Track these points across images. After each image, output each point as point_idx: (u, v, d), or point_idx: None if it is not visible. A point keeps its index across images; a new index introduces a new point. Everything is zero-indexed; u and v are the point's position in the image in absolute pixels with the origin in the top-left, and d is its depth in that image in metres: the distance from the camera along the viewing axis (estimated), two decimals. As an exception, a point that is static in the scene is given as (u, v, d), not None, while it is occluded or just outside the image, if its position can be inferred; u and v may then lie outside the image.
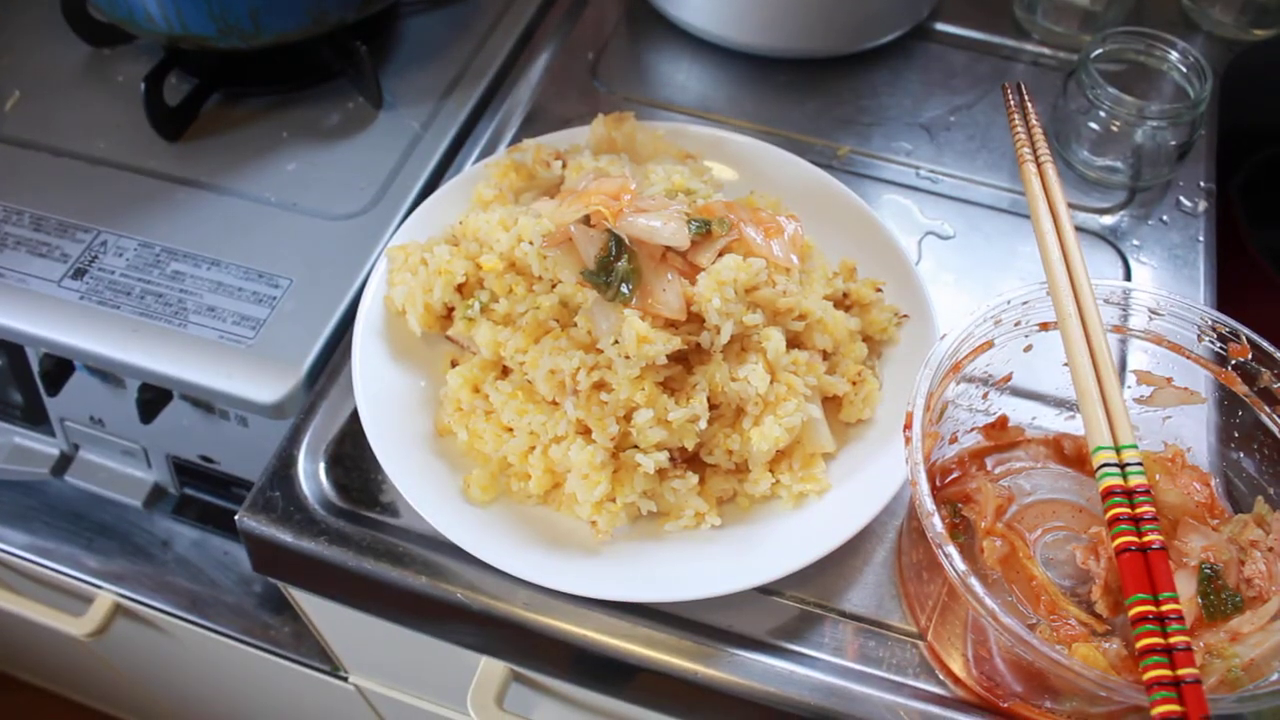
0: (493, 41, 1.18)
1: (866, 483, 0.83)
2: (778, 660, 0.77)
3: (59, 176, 0.90)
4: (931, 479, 0.75)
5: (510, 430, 0.85)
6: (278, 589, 1.01)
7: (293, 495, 0.85)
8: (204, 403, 0.98)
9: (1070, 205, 0.81)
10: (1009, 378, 0.80)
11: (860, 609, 0.79)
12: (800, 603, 0.80)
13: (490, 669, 0.92)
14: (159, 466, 0.94)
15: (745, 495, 0.85)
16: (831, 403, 0.90)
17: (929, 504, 0.58)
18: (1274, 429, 0.67)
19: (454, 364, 0.92)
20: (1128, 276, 0.97)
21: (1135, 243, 0.99)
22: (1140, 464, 0.56)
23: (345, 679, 1.16)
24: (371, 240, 1.01)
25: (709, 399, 0.82)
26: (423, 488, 0.82)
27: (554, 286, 0.87)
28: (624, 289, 0.80)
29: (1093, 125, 0.91)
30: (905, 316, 0.92)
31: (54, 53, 0.97)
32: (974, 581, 0.54)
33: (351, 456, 0.89)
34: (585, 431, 0.82)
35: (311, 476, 0.87)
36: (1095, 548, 0.67)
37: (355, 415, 0.88)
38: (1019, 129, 0.83)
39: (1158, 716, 0.45)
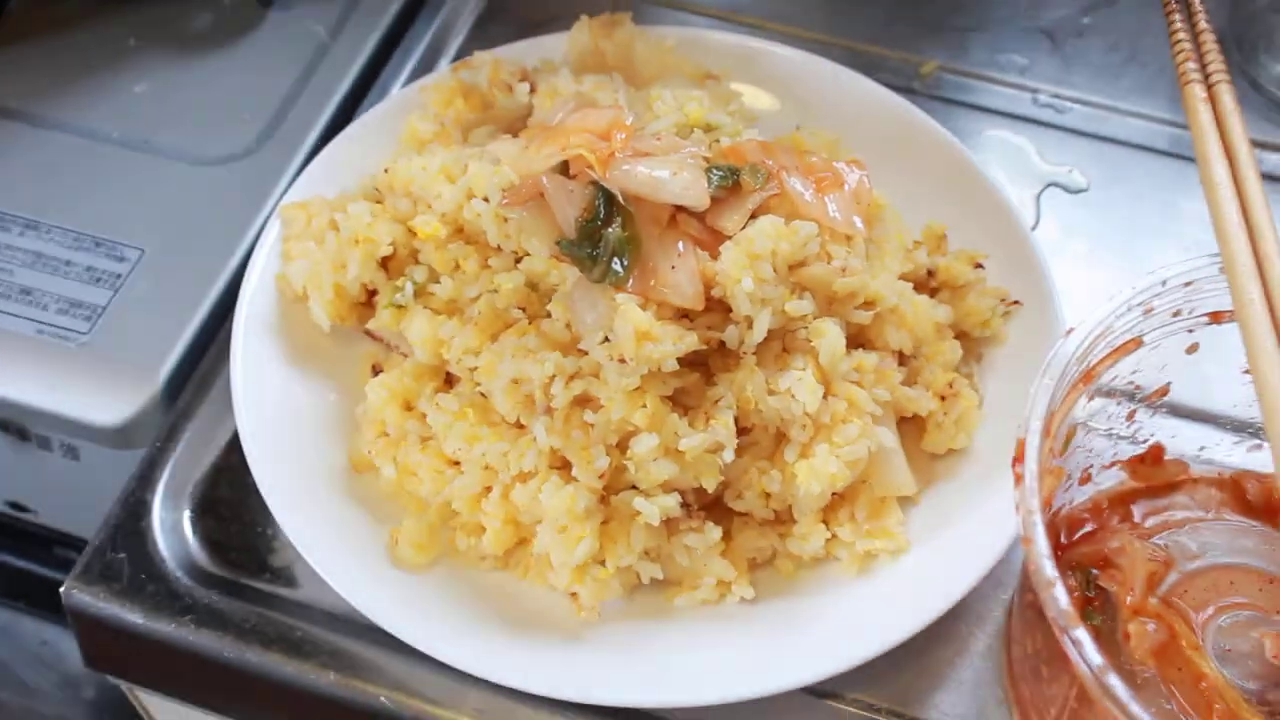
0: (430, -92, 1.19)
1: (960, 540, 0.83)
2: (836, 794, 0.78)
3: None
4: (1054, 534, 0.75)
5: (456, 464, 0.85)
6: (120, 693, 1.01)
7: (144, 558, 0.85)
8: (14, 426, 0.98)
9: (1256, 144, 0.81)
10: (1165, 390, 0.80)
11: (952, 719, 0.81)
12: (868, 710, 0.81)
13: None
14: (-53, 519, 0.93)
15: (788, 557, 0.86)
16: (911, 426, 0.90)
17: (1050, 570, 0.59)
18: None
19: (376, 370, 0.92)
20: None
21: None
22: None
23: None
24: (258, 195, 1.01)
25: (737, 420, 0.82)
26: (332, 546, 0.82)
27: (518, 262, 0.87)
28: (616, 266, 0.80)
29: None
30: (1016, 304, 0.92)
31: None
32: (1115, 681, 0.54)
33: (229, 502, 0.89)
34: (563, 466, 0.82)
35: (171, 531, 0.87)
36: (1293, 635, 0.68)
37: (235, 444, 0.88)
38: (1181, 35, 0.82)
39: None
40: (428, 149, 0.98)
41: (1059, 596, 0.62)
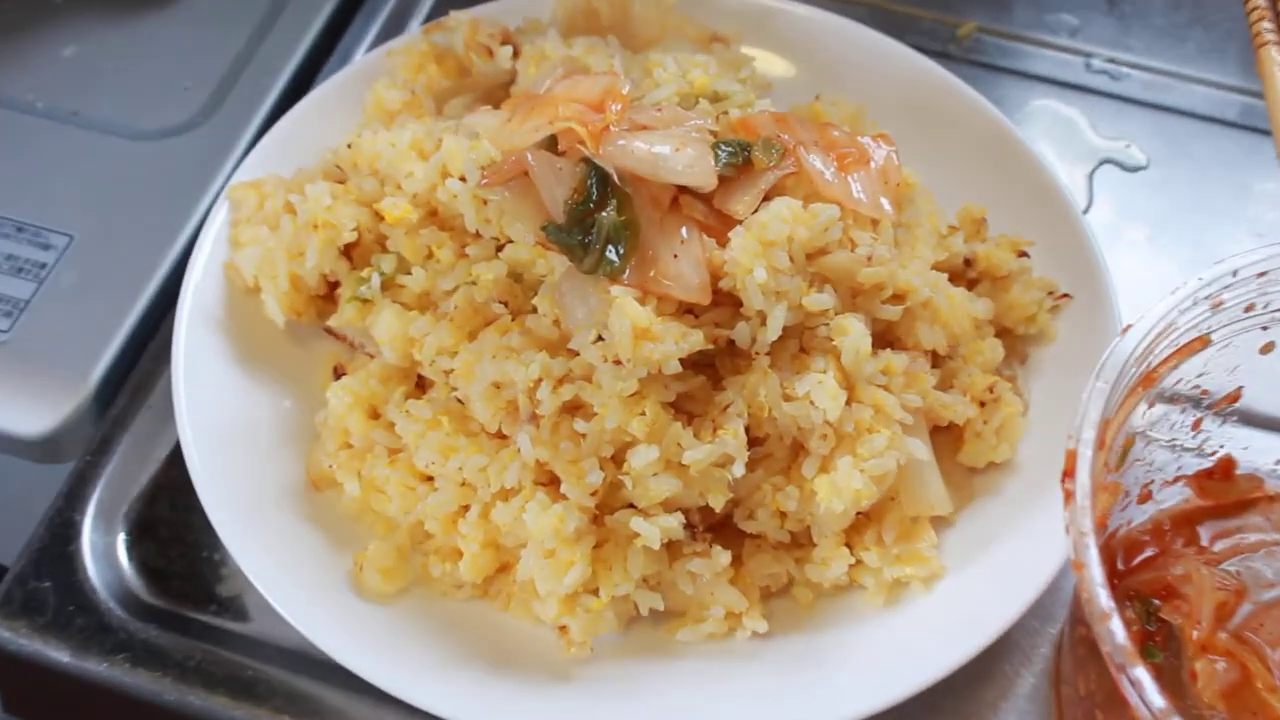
0: None
1: (1002, 565, 0.83)
2: None
3: None
4: (1110, 559, 0.75)
5: (429, 480, 0.85)
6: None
7: (72, 587, 0.85)
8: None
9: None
10: (1236, 395, 0.80)
11: (994, 769, 0.81)
12: (898, 760, 0.81)
13: None
14: None
15: (807, 585, 0.86)
16: (947, 436, 0.90)
17: (1105, 600, 0.60)
18: None
19: (339, 373, 0.92)
20: None
21: None
22: None
23: None
24: (202, 173, 1.01)
25: (748, 430, 0.82)
26: (287, 573, 0.82)
27: (500, 250, 0.88)
28: (611, 254, 0.81)
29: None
30: (1065, 296, 0.93)
31: None
32: (1179, 726, 0.53)
33: (170, 524, 0.89)
34: (550, 482, 0.82)
35: (104, 556, 0.87)
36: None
37: (177, 457, 0.87)
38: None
39: None
40: (396, 121, 0.97)
41: (1115, 630, 0.61)
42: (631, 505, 0.82)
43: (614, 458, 0.81)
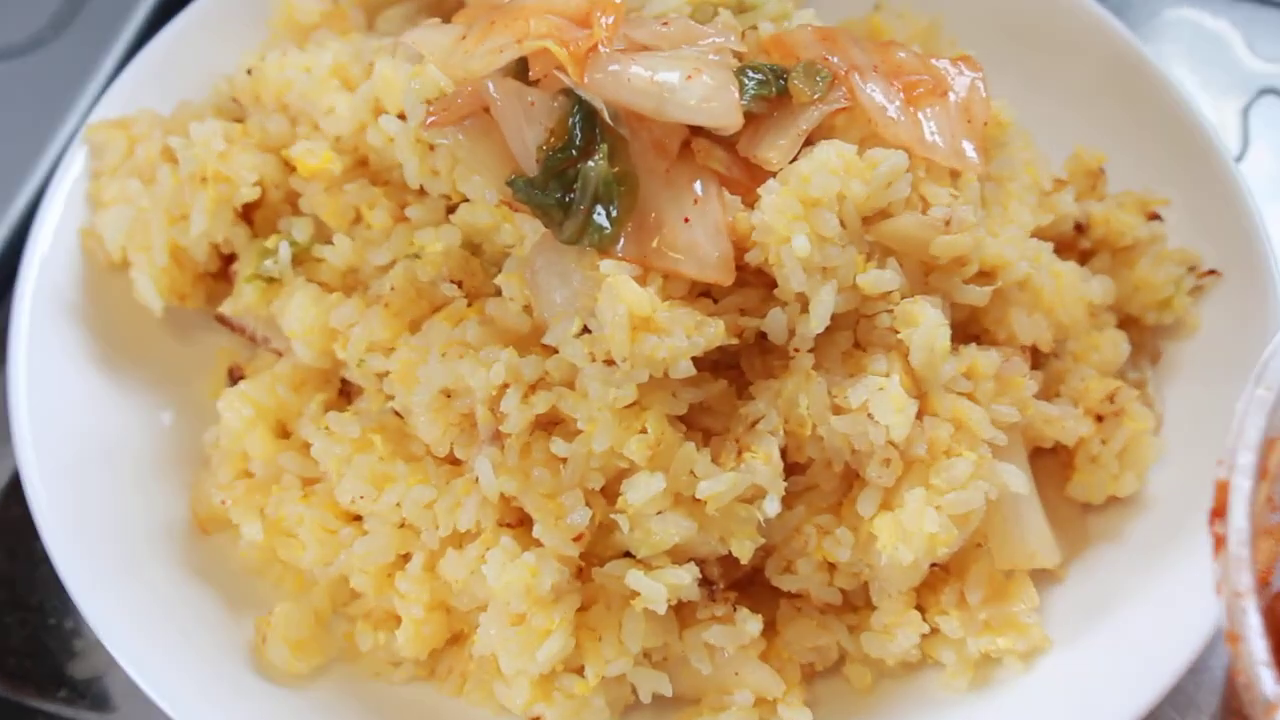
0: None
1: (1128, 636, 0.83)
2: None
3: None
4: (1276, 629, 0.74)
5: (355, 521, 0.86)
6: None
7: None
8: None
9: None
10: None
11: None
12: None
13: None
14: None
15: (864, 661, 0.86)
16: (1051, 461, 0.90)
17: (1271, 685, 0.59)
18: None
19: (235, 377, 0.93)
20: None
21: None
22: None
23: None
24: (52, 106, 1.02)
25: (785, 453, 0.83)
26: (165, 646, 0.82)
27: (451, 211, 0.88)
28: (601, 218, 0.81)
29: None
30: (1212, 274, 0.94)
31: None
32: None
33: (6, 580, 0.90)
34: (519, 523, 0.83)
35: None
36: None
37: (16, 490, 0.88)
38: None
39: None
40: (312, 39, 0.98)
41: (1283, 723, 0.61)
42: (628, 554, 0.82)
43: (605, 490, 0.81)
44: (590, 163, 0.81)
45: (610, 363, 0.79)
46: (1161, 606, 0.84)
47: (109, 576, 0.83)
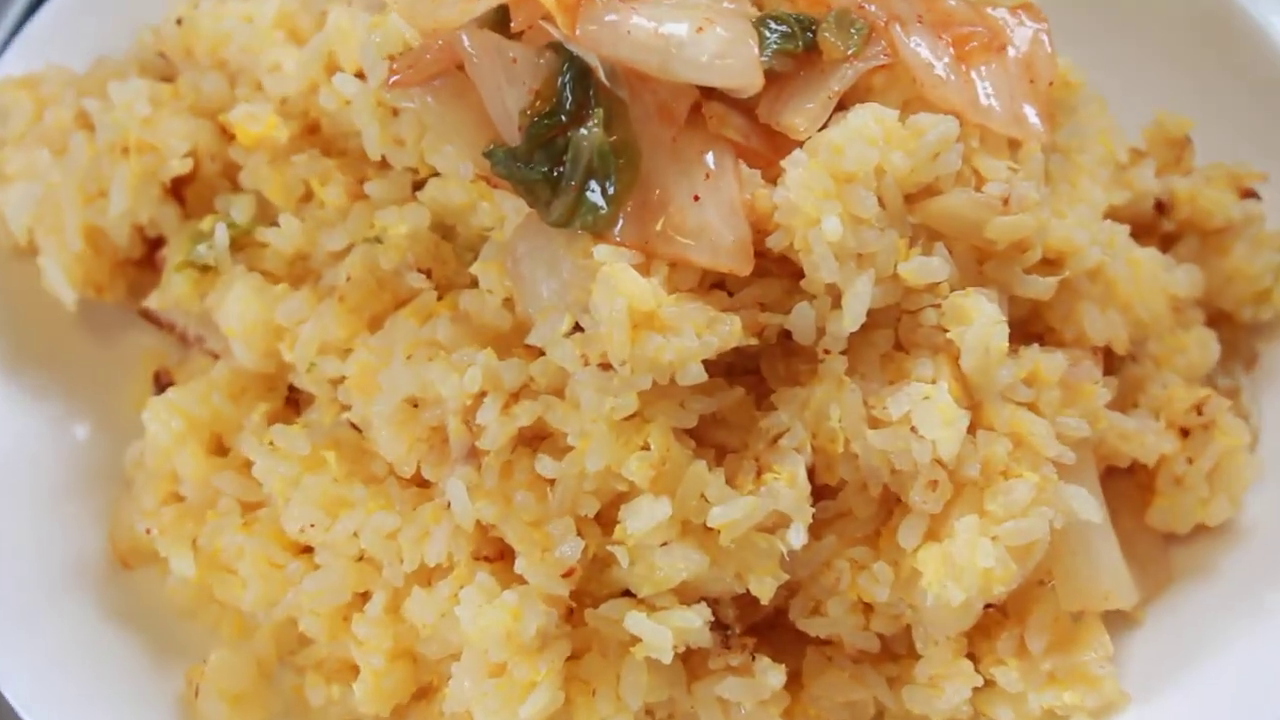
0: None
1: (1220, 691, 0.84)
2: None
3: None
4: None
5: (305, 553, 0.87)
6: None
7: None
8: None
9: None
10: None
11: None
12: None
13: None
14: None
15: (903, 719, 0.88)
16: (1127, 483, 0.91)
17: None
18: None
19: (162, 383, 0.94)
20: None
21: None
22: None
23: None
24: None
25: (812, 473, 0.83)
26: (79, 700, 0.83)
27: (419, 188, 0.89)
28: (596, 196, 0.81)
29: None
30: None
31: None
32: None
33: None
34: (499, 556, 0.83)
35: None
36: None
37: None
38: None
39: None
40: (255, -15, 1.00)
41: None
42: (628, 593, 0.82)
43: (599, 517, 0.81)
44: (583, 130, 0.81)
45: (606, 367, 0.79)
46: (1257, 657, 0.84)
47: (12, 618, 0.84)
